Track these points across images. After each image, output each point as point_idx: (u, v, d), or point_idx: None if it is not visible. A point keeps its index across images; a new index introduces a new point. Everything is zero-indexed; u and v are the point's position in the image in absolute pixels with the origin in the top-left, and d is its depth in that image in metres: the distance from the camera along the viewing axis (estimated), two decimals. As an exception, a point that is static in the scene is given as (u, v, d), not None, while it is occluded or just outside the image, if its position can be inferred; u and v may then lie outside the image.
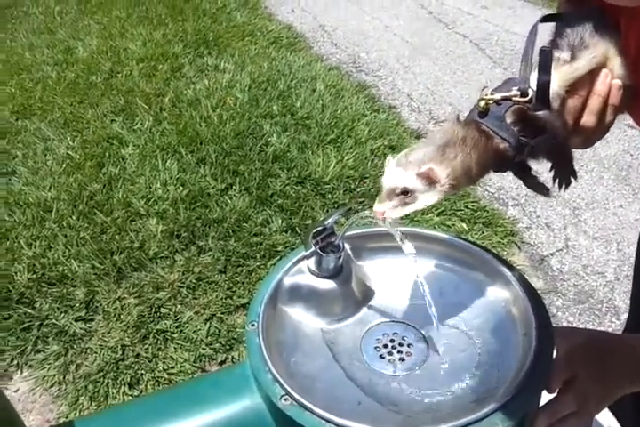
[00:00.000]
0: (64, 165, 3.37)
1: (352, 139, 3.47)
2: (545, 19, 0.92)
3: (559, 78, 0.84)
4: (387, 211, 0.83)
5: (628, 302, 2.52)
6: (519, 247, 2.84)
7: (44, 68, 4.55)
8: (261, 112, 3.74)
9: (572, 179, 0.93)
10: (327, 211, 2.97)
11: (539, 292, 2.57)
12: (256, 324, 0.86)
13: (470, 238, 2.81)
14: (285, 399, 0.76)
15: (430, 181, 0.82)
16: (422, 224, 2.79)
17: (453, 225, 2.88)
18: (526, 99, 0.82)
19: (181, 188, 3.12)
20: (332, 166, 3.21)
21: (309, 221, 2.90)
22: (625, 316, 2.46)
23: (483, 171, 0.87)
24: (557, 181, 0.94)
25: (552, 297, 2.60)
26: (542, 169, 0.95)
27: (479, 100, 0.85)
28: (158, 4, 5.58)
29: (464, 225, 2.88)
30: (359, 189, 3.09)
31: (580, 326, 2.47)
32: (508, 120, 0.84)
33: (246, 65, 4.35)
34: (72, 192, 3.13)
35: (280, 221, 2.88)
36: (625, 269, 2.69)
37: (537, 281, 2.66)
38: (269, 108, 3.78)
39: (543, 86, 0.82)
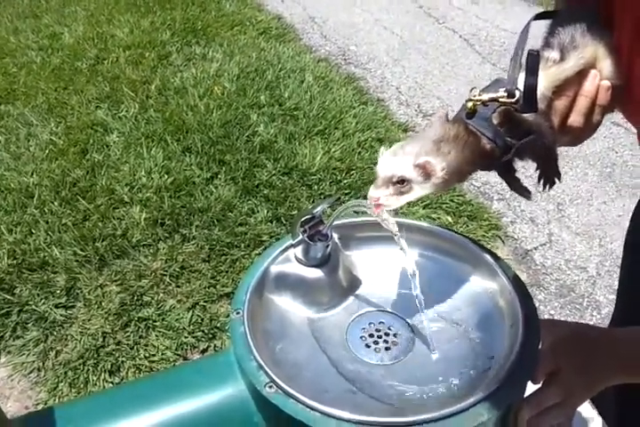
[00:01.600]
0: (47, 151, 3.32)
1: (339, 131, 3.46)
2: (538, 16, 0.91)
3: (546, 80, 0.84)
4: (382, 198, 0.83)
5: (609, 296, 2.56)
6: (503, 241, 2.85)
7: (28, 52, 4.48)
8: (249, 102, 3.71)
9: (557, 179, 0.95)
10: (313, 202, 2.96)
11: (522, 286, 2.55)
12: (241, 311, 0.85)
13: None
14: (270, 387, 0.75)
15: (426, 173, 0.83)
16: (408, 216, 2.79)
17: (439, 218, 2.88)
18: (513, 100, 0.83)
19: (166, 176, 3.09)
20: (318, 158, 3.20)
21: (295, 212, 2.88)
22: (606, 310, 2.49)
23: (472, 169, 0.88)
24: (542, 181, 0.95)
25: (534, 291, 2.61)
26: (531, 165, 0.96)
27: (467, 101, 0.85)
28: (146, -9, 5.50)
29: (449, 218, 2.89)
30: (345, 181, 3.08)
31: (562, 320, 2.49)
32: (495, 121, 0.85)
33: (235, 55, 4.31)
34: (55, 178, 3.09)
35: (265, 211, 2.87)
36: (606, 265, 2.71)
37: (520, 274, 2.63)
38: (257, 99, 3.75)
39: (530, 90, 0.82)
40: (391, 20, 5.02)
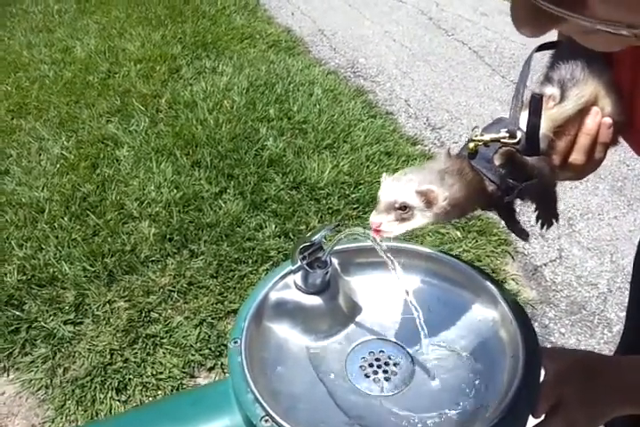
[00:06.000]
0: (58, 166, 3.35)
1: (348, 144, 3.46)
2: (541, 48, 0.91)
3: (547, 121, 0.84)
4: (383, 224, 0.83)
5: (621, 313, 2.53)
6: (513, 257, 2.83)
7: (41, 66, 4.53)
8: (258, 116, 3.73)
9: (554, 221, 0.95)
10: (321, 216, 2.96)
11: (531, 302, 2.54)
12: (239, 341, 0.84)
13: (464, 247, 2.80)
14: (266, 421, 0.74)
15: (428, 200, 0.82)
16: (416, 231, 2.78)
17: (447, 233, 2.86)
18: (515, 141, 0.82)
19: (175, 190, 3.10)
20: (327, 172, 3.20)
21: (303, 227, 2.88)
22: (617, 328, 2.46)
23: (472, 205, 0.88)
24: (540, 221, 0.96)
25: (544, 308, 2.59)
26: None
27: (468, 141, 0.84)
28: (158, 5, 5.56)
29: (458, 233, 2.87)
30: (354, 195, 3.07)
31: (572, 338, 2.46)
32: (497, 162, 0.84)
33: (244, 68, 4.33)
34: (65, 193, 3.11)
35: (274, 226, 2.87)
36: (618, 281, 2.68)
37: (530, 291, 2.65)
38: (266, 112, 3.76)
39: (533, 135, 0.82)
40: (400, 33, 5.03)
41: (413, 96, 4.13)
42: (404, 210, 0.83)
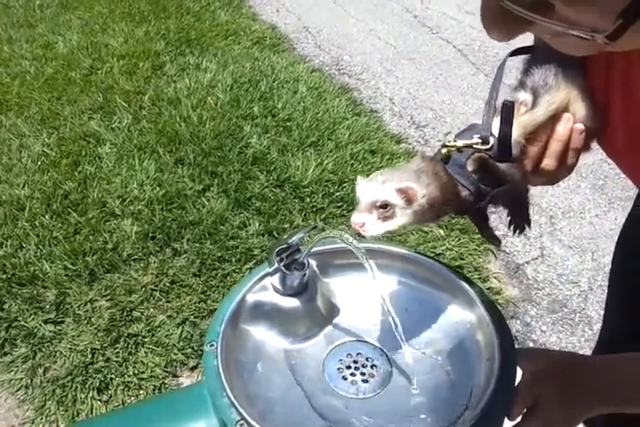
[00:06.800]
0: (39, 163, 3.31)
1: (332, 142, 3.46)
2: (515, 52, 0.91)
3: (519, 128, 0.84)
4: (366, 223, 0.83)
5: (602, 312, 2.54)
6: (495, 255, 2.84)
7: (22, 62, 4.47)
8: (242, 113, 3.71)
9: (527, 226, 0.96)
10: (305, 215, 2.95)
11: (513, 300, 2.55)
12: (215, 344, 0.84)
13: (447, 245, 2.81)
14: (241, 425, 0.74)
15: (408, 197, 0.82)
16: (398, 231, 2.79)
17: (431, 231, 2.87)
18: (487, 147, 0.82)
19: (158, 188, 3.08)
20: (311, 170, 3.19)
21: (287, 225, 2.87)
22: (597, 326, 2.48)
23: (446, 208, 0.88)
24: (513, 226, 0.96)
25: (526, 306, 2.61)
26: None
27: (442, 147, 0.85)
28: (141, 1, 5.50)
29: (441, 232, 2.88)
30: (338, 193, 3.07)
31: (553, 336, 2.48)
32: (469, 168, 0.85)
33: (228, 65, 4.30)
34: (46, 191, 3.08)
35: (257, 224, 2.86)
36: (599, 279, 2.70)
37: (512, 289, 2.67)
38: (250, 110, 3.74)
39: (504, 141, 0.82)
40: (385, 30, 5.02)
41: (398, 94, 4.13)
42: (385, 208, 0.83)
